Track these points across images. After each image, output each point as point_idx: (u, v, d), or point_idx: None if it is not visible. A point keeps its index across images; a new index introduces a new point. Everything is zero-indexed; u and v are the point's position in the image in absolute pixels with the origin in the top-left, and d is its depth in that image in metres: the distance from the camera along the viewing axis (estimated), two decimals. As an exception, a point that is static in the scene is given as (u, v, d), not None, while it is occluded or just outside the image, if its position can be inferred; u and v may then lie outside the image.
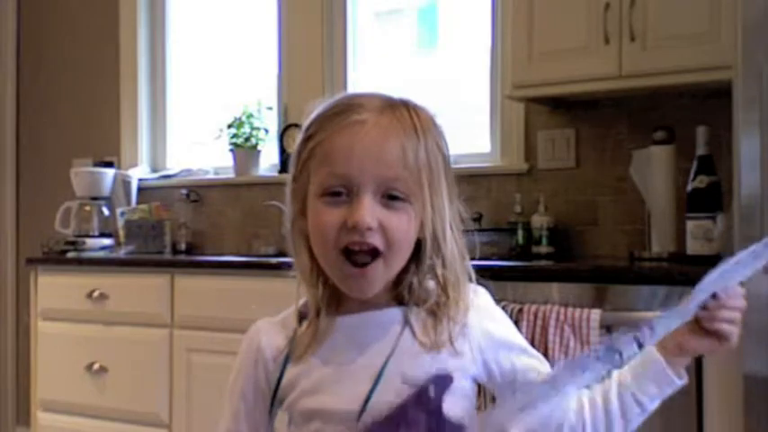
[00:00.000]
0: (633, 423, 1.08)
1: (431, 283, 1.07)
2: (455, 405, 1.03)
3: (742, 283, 1.07)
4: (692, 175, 2.44)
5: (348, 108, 1.03)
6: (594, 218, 2.95)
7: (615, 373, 1.08)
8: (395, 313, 1.06)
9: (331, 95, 1.08)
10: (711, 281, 1.05)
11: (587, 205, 2.97)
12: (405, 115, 1.04)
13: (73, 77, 4.17)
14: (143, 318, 3.13)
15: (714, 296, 1.04)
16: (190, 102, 4.00)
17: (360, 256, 1.00)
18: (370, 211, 0.99)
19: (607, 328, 2.14)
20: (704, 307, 1.04)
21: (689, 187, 2.44)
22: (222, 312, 2.92)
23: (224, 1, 3.94)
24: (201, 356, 2.99)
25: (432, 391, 1.01)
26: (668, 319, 1.04)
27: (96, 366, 3.22)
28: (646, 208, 2.73)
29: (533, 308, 2.23)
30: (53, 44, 4.26)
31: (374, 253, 1.01)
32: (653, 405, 1.07)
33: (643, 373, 1.06)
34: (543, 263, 2.70)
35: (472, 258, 1.10)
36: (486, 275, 1.14)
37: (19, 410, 4.21)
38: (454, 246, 1.06)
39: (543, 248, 2.88)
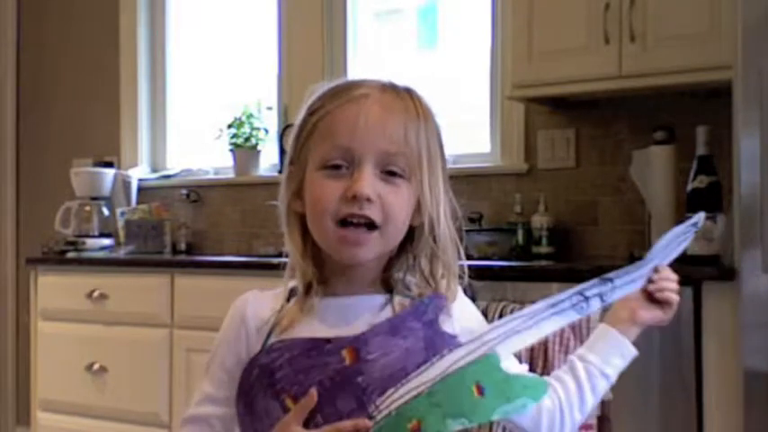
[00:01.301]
0: (600, 395, 1.15)
1: (417, 278, 1.09)
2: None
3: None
4: (691, 175, 2.44)
5: (352, 85, 1.07)
6: (594, 218, 2.95)
7: (573, 357, 1.16)
8: (380, 299, 1.07)
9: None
10: (657, 252, 1.18)
11: (587, 205, 2.96)
12: (406, 97, 1.07)
13: (73, 77, 4.17)
14: (143, 318, 3.13)
15: (655, 269, 1.16)
16: (190, 102, 4.00)
17: (356, 227, 1.02)
18: (370, 182, 1.01)
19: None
20: (650, 280, 1.16)
21: (689, 187, 2.44)
22: (222, 312, 2.89)
23: (224, 1, 3.94)
24: (201, 356, 2.97)
25: (428, 305, 1.05)
26: (625, 283, 1.15)
27: (96, 366, 3.22)
28: (646, 208, 2.73)
29: (533, 308, 2.23)
30: (53, 44, 4.26)
31: (371, 226, 1.02)
32: (615, 376, 1.15)
33: (605, 347, 1.15)
34: (543, 263, 2.70)
35: (468, 257, 1.11)
36: (486, 275, 1.15)
37: (19, 410, 4.21)
38: (446, 232, 1.07)
39: (543, 248, 2.88)
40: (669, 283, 1.16)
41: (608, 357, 1.14)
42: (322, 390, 0.98)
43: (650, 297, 1.16)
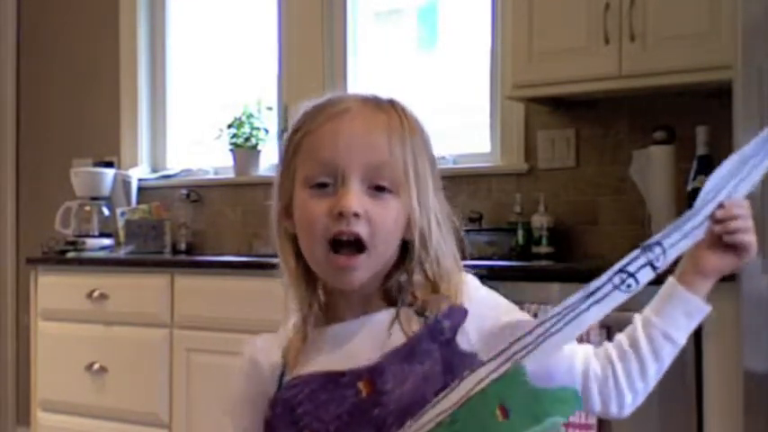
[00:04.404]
0: (666, 361, 1.03)
1: (420, 279, 1.05)
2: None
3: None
4: (692, 175, 2.44)
5: (333, 101, 1.05)
6: (594, 218, 2.95)
7: (636, 316, 1.04)
8: (384, 316, 1.04)
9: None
10: (714, 187, 1.01)
11: (587, 205, 2.96)
12: (389, 109, 1.05)
13: (73, 77, 4.17)
14: (143, 318, 3.13)
15: (721, 205, 0.99)
16: (190, 102, 4.00)
17: (346, 248, 0.99)
18: (357, 197, 0.99)
19: (607, 328, 2.14)
20: (715, 220, 0.99)
21: (689, 187, 2.44)
22: (222, 312, 2.92)
23: (224, 1, 3.94)
24: (201, 356, 2.99)
25: (445, 324, 1.00)
26: (678, 238, 0.99)
27: (96, 366, 3.22)
28: (646, 208, 2.73)
29: (533, 308, 2.23)
30: (53, 44, 4.25)
31: (359, 245, 1.00)
32: (684, 339, 1.02)
33: (668, 306, 1.01)
34: (543, 263, 2.70)
35: (464, 258, 1.08)
36: (486, 275, 1.14)
37: (19, 410, 4.21)
38: (441, 241, 1.04)
39: (543, 248, 2.88)
40: (738, 222, 0.98)
41: (672, 318, 1.00)
42: (341, 424, 0.96)
43: (719, 241, 0.99)
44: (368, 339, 1.02)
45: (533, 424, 0.90)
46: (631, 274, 0.97)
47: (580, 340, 1.06)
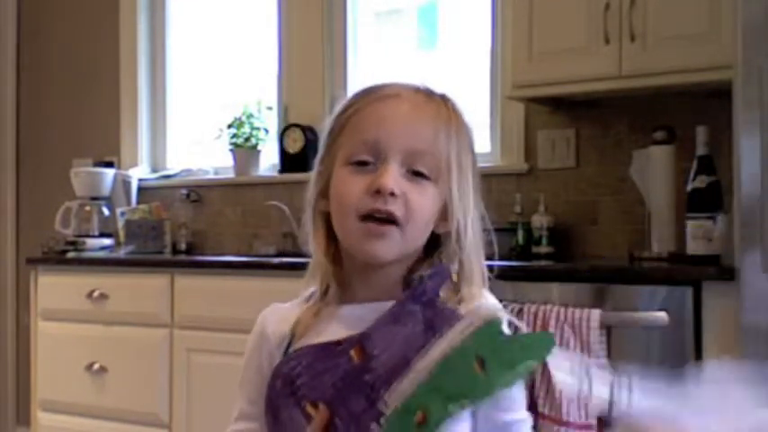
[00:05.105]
0: None
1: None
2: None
3: None
4: (692, 175, 2.44)
5: (383, 86, 1.07)
6: (594, 218, 2.95)
7: None
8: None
9: (331, 95, 1.09)
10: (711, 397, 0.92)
11: (587, 205, 2.96)
12: (439, 102, 1.07)
13: (73, 77, 4.17)
14: (143, 318, 3.13)
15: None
16: (190, 102, 4.00)
17: (379, 223, 1.00)
18: (395, 177, 1.00)
19: (607, 328, 2.14)
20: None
21: (689, 187, 2.44)
22: (222, 312, 2.92)
23: (224, 1, 3.94)
24: (201, 356, 2.99)
25: (427, 284, 1.01)
26: (648, 405, 0.94)
27: (96, 366, 3.22)
28: (646, 208, 2.74)
29: (533, 308, 2.23)
30: (53, 44, 4.26)
31: (393, 222, 1.01)
32: None
33: None
34: (543, 263, 2.70)
35: (489, 259, 1.10)
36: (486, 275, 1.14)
37: (19, 410, 4.21)
38: (473, 238, 1.06)
39: (543, 248, 2.88)
40: None
41: None
42: (335, 392, 0.97)
43: None
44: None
45: (508, 371, 0.92)
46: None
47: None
